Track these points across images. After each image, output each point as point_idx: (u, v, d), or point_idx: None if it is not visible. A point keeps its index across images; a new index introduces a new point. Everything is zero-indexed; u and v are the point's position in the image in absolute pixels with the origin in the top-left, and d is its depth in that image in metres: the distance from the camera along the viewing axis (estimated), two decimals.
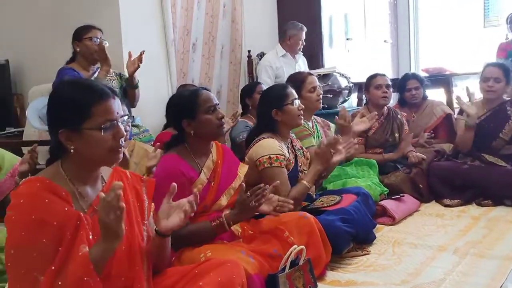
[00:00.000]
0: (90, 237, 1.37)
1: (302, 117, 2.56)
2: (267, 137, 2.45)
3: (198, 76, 4.42)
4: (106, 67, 3.07)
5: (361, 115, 3.03)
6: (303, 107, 2.56)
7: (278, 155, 2.37)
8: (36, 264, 1.29)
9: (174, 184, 1.53)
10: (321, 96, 2.99)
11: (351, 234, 2.33)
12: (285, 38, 4.59)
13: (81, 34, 3.12)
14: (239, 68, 4.77)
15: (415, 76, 4.06)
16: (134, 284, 1.46)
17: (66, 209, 1.35)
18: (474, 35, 6.12)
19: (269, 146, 2.40)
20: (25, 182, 1.41)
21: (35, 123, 3.12)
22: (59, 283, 1.28)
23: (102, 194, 1.29)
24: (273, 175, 2.32)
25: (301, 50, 4.68)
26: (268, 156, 2.36)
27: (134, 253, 1.48)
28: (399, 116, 3.68)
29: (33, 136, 3.55)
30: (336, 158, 2.46)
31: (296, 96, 2.55)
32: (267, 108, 2.51)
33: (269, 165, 2.35)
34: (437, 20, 6.44)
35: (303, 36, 4.52)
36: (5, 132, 4.06)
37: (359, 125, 2.85)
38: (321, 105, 3.06)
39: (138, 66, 3.15)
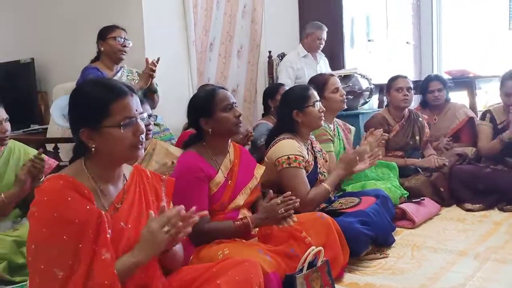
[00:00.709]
0: (108, 235, 1.39)
1: (323, 119, 2.55)
2: (287, 138, 2.45)
3: (214, 75, 4.44)
4: (142, 85, 3.08)
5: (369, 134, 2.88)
6: (324, 109, 2.56)
7: (297, 156, 2.37)
8: (55, 260, 1.31)
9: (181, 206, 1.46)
10: (344, 96, 2.97)
11: (369, 237, 2.31)
12: (303, 37, 4.59)
13: (105, 33, 3.16)
14: (256, 68, 4.78)
15: (438, 78, 4.01)
16: (153, 281, 1.48)
17: (88, 207, 1.37)
18: (498, 37, 6.01)
19: (288, 147, 2.40)
20: (49, 179, 1.44)
21: (58, 120, 3.19)
22: (83, 282, 1.31)
23: (152, 214, 1.39)
24: (291, 176, 2.33)
25: (322, 50, 4.66)
26: (287, 156, 2.37)
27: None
28: (420, 118, 3.64)
29: (56, 134, 3.62)
30: (360, 167, 2.46)
31: (318, 98, 2.54)
32: (288, 108, 2.51)
33: (287, 165, 2.35)
34: (461, 21, 6.34)
35: (322, 35, 4.50)
36: (30, 129, 4.14)
37: (359, 165, 2.55)
38: (345, 105, 3.04)
39: (152, 76, 3.10)
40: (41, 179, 2.48)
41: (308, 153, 2.51)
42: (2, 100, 2.62)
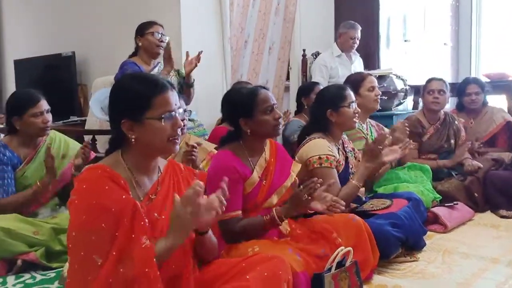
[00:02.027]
0: (143, 223, 1.43)
1: (357, 121, 2.54)
2: (318, 137, 2.45)
3: (247, 71, 4.47)
4: (169, 67, 3.16)
5: (393, 130, 2.85)
6: (359, 111, 2.54)
7: (328, 156, 2.37)
8: (95, 247, 1.36)
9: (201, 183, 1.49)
10: (379, 96, 2.95)
11: (400, 240, 2.30)
12: (337, 37, 4.57)
13: (143, 29, 3.22)
14: (286, 65, 4.79)
15: (475, 81, 3.92)
16: (183, 272, 1.52)
17: (124, 196, 1.42)
18: None
19: (319, 146, 2.40)
20: (87, 169, 1.50)
21: (97, 113, 3.28)
22: (121, 270, 1.35)
23: (177, 196, 1.40)
24: (322, 176, 2.31)
25: (357, 50, 4.63)
26: (318, 156, 2.37)
27: (185, 244, 1.53)
28: (456, 122, 3.58)
29: (94, 126, 3.73)
30: (390, 157, 2.43)
31: (354, 99, 2.53)
32: (322, 108, 2.51)
33: (319, 165, 2.36)
34: (501, 23, 6.17)
35: (355, 34, 4.47)
36: (69, 120, 4.27)
37: (389, 156, 2.52)
38: (378, 106, 3.02)
39: (195, 66, 3.21)
40: (74, 175, 2.59)
41: (339, 153, 2.50)
42: (43, 91, 2.73)
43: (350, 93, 2.52)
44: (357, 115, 2.51)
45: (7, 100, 2.70)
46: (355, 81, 2.96)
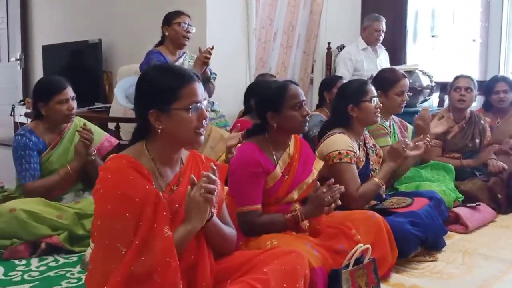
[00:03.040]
0: (165, 213, 1.46)
1: (379, 116, 2.52)
2: (339, 133, 2.43)
3: (275, 65, 4.46)
4: (198, 70, 3.13)
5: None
6: (381, 105, 2.52)
7: (348, 151, 2.36)
8: (119, 236, 1.39)
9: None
10: (405, 102, 2.92)
11: (419, 239, 2.28)
12: (361, 30, 4.52)
13: (170, 18, 3.22)
14: (311, 58, 4.76)
15: (504, 79, 3.83)
16: (200, 261, 1.54)
17: (147, 187, 1.45)
18: None
19: (339, 142, 2.39)
20: (112, 158, 1.52)
21: (121, 100, 3.32)
22: (143, 258, 1.38)
23: (193, 176, 1.45)
24: (342, 171, 2.32)
25: (383, 43, 4.57)
26: (338, 151, 2.36)
27: (199, 233, 1.55)
28: (482, 121, 3.51)
29: (118, 113, 3.78)
30: (414, 152, 2.41)
31: (375, 94, 2.50)
32: (343, 102, 2.49)
33: (338, 160, 2.34)
34: None
35: (380, 26, 4.40)
36: (94, 107, 4.33)
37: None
38: (402, 111, 2.99)
39: (206, 63, 3.06)
40: (94, 152, 2.63)
41: (360, 149, 2.49)
42: (70, 77, 2.77)
43: (372, 88, 2.50)
44: (379, 110, 2.49)
45: (34, 86, 2.76)
46: (388, 80, 2.91)
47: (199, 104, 1.51)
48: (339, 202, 1.94)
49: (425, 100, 4.28)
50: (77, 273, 2.21)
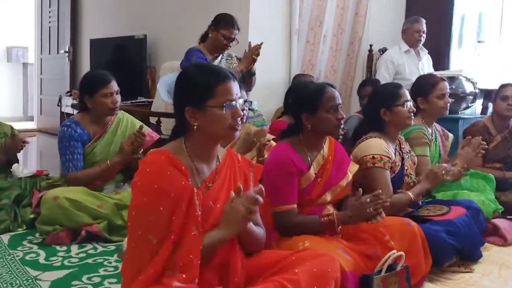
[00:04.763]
0: (197, 213, 1.49)
1: (412, 120, 2.49)
2: (375, 137, 2.42)
3: (324, 68, 4.44)
4: (242, 68, 3.19)
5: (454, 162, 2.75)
6: (414, 110, 2.49)
7: (382, 156, 2.33)
8: (151, 228, 1.44)
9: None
10: (448, 104, 2.87)
11: (455, 248, 2.23)
12: (402, 32, 4.45)
13: (220, 25, 3.23)
14: (355, 61, 4.71)
15: None
16: (231, 261, 1.57)
17: (183, 182, 1.49)
18: None
19: (374, 146, 2.36)
20: (152, 153, 1.58)
21: (164, 96, 3.40)
22: (175, 254, 1.43)
23: (240, 186, 1.48)
24: (374, 176, 2.28)
25: (426, 47, 4.49)
26: (372, 156, 2.33)
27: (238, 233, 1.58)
28: None
29: (160, 108, 3.86)
30: (450, 178, 2.40)
31: (409, 98, 2.47)
32: (376, 106, 2.47)
33: (371, 165, 2.32)
34: None
35: (421, 27, 4.31)
36: (137, 101, 4.45)
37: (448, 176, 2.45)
38: (447, 112, 2.93)
39: (254, 60, 3.17)
40: (140, 151, 2.70)
41: (395, 154, 2.47)
42: (115, 71, 2.86)
43: (405, 92, 2.47)
44: (412, 114, 2.46)
45: (81, 79, 2.86)
46: (426, 84, 2.87)
47: (233, 102, 1.54)
48: (384, 215, 1.92)
49: (468, 107, 4.17)
50: (114, 261, 2.29)
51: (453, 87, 4.03)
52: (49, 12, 6.91)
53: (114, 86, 2.73)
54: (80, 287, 2.03)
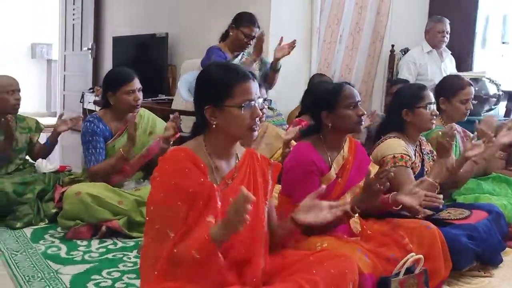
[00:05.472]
0: (219, 204, 1.51)
1: (434, 123, 2.46)
2: (394, 137, 2.40)
3: (339, 67, 4.42)
4: (255, 56, 3.21)
5: (510, 127, 2.76)
6: (437, 113, 2.46)
7: (403, 155, 2.32)
8: (169, 222, 1.47)
9: (323, 186, 1.65)
10: (469, 111, 2.84)
11: (475, 253, 2.20)
12: (425, 33, 4.40)
13: (240, 23, 3.26)
14: (376, 61, 4.67)
15: None
16: (253, 258, 1.58)
17: (202, 179, 1.51)
18: None
19: (394, 146, 2.35)
20: (172, 150, 1.60)
21: (184, 94, 3.41)
22: (184, 241, 1.44)
23: (244, 190, 1.34)
24: (397, 175, 2.26)
25: (449, 48, 4.43)
26: (392, 155, 2.32)
27: (256, 230, 1.59)
28: None
29: (180, 106, 3.89)
30: (474, 151, 2.34)
31: (433, 100, 2.44)
32: (398, 106, 2.45)
33: (392, 164, 2.30)
34: None
35: (444, 27, 4.26)
36: (157, 98, 4.49)
37: (506, 136, 2.51)
38: (465, 119, 2.89)
39: (288, 53, 3.23)
40: (171, 142, 2.70)
41: (415, 155, 2.44)
42: (136, 68, 2.90)
43: (429, 94, 2.44)
44: (434, 117, 2.43)
45: (104, 76, 2.90)
46: (452, 86, 2.84)
47: (252, 102, 1.55)
48: (388, 185, 1.83)
49: (491, 109, 4.11)
50: (133, 257, 2.33)
51: (476, 88, 3.96)
52: (73, 9, 7.02)
53: (137, 83, 2.76)
54: (100, 282, 2.06)
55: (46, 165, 3.09)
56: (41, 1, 8.35)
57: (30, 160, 3.21)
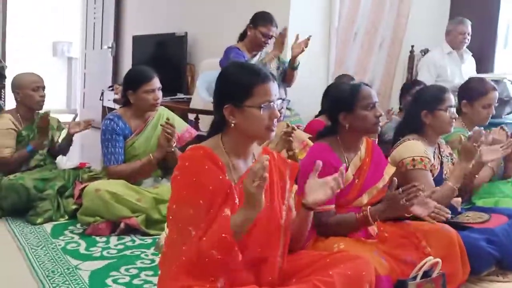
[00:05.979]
0: (237, 201, 1.52)
1: (452, 126, 2.43)
2: (413, 139, 2.38)
3: (353, 67, 4.40)
4: (277, 52, 3.22)
5: (490, 143, 2.63)
6: (457, 116, 2.43)
7: (422, 157, 2.30)
8: (191, 220, 1.48)
9: (319, 161, 1.64)
10: (490, 116, 2.80)
11: (494, 257, 2.17)
12: (446, 34, 4.35)
13: (258, 22, 3.28)
14: (396, 62, 4.63)
15: None
16: (269, 256, 1.58)
17: (220, 177, 1.52)
18: None
19: (413, 148, 2.33)
20: (191, 148, 1.61)
21: (202, 93, 3.45)
22: (204, 238, 1.45)
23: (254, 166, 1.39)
24: (416, 178, 2.24)
25: (470, 50, 4.37)
26: (411, 158, 2.30)
27: (273, 228, 1.60)
28: None
29: (199, 105, 3.92)
30: (491, 156, 2.32)
31: (453, 103, 2.41)
32: (417, 107, 2.42)
33: (412, 167, 2.29)
34: None
35: (465, 29, 4.20)
36: (176, 97, 4.53)
37: (488, 155, 2.38)
38: (487, 123, 2.86)
39: (303, 50, 3.24)
40: (174, 144, 2.72)
41: (434, 157, 2.42)
42: (155, 67, 2.93)
43: (450, 96, 2.41)
44: (454, 120, 2.40)
45: (125, 74, 2.94)
46: (476, 90, 2.81)
47: (271, 103, 1.56)
48: (414, 203, 1.84)
49: None
50: (151, 254, 2.35)
51: (497, 90, 3.91)
52: (94, 8, 7.11)
53: (157, 83, 2.79)
54: (118, 278, 2.09)
55: (66, 162, 3.14)
56: (63, 0, 8.48)
57: (50, 157, 3.26)
